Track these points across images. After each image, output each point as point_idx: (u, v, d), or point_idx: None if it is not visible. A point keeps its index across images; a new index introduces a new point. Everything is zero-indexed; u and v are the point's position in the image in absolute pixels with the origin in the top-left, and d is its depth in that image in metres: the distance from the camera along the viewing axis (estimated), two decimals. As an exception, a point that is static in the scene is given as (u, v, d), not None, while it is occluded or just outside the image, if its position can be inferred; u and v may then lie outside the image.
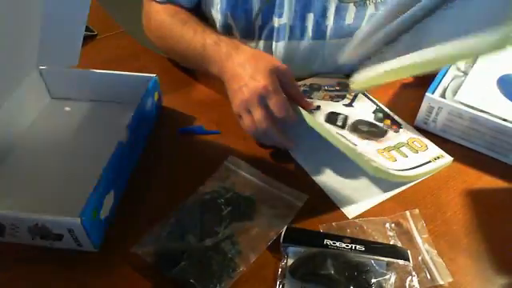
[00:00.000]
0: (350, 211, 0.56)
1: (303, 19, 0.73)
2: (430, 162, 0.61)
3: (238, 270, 0.49)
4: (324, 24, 0.74)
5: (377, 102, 0.72)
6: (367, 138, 0.63)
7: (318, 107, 0.70)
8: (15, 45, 0.61)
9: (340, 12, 0.73)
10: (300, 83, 0.76)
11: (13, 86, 0.65)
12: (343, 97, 0.72)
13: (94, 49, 0.88)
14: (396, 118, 0.68)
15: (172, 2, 0.75)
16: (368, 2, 0.74)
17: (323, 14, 0.73)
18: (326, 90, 0.73)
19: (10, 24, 0.56)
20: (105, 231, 0.54)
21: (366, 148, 0.61)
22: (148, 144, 0.66)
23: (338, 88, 0.74)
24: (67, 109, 0.72)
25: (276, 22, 0.74)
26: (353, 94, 0.72)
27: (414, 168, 0.59)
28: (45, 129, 0.69)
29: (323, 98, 0.71)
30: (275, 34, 0.75)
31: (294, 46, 0.77)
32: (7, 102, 0.64)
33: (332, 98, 0.71)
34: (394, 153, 0.61)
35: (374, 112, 0.69)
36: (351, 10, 0.74)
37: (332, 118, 0.65)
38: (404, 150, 0.62)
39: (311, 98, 0.72)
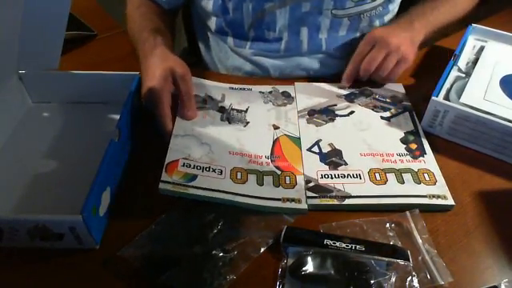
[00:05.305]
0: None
1: (297, 33, 0.75)
2: (425, 196, 0.56)
3: (229, 277, 0.48)
4: (318, 37, 0.76)
5: (418, 124, 0.67)
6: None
7: (352, 112, 0.69)
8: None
9: (334, 26, 0.75)
10: (348, 86, 0.75)
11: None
12: (386, 109, 0.70)
13: (93, 49, 0.88)
14: (426, 146, 0.64)
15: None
16: (362, 15, 0.74)
17: (317, 29, 0.75)
18: (374, 99, 0.72)
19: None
20: (104, 228, 0.53)
21: (363, 164, 0.60)
22: (139, 143, 0.65)
23: (388, 100, 0.72)
24: (46, 114, 0.71)
25: (269, 35, 0.75)
26: (398, 110, 0.70)
27: (400, 196, 0.56)
28: (29, 134, 0.67)
29: (365, 105, 0.71)
30: (268, 46, 0.77)
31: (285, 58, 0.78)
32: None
33: (374, 108, 0.70)
34: (389, 175, 0.59)
35: (406, 132, 0.66)
36: (345, 23, 0.75)
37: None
38: (406, 176, 0.59)
39: (353, 102, 0.71)
